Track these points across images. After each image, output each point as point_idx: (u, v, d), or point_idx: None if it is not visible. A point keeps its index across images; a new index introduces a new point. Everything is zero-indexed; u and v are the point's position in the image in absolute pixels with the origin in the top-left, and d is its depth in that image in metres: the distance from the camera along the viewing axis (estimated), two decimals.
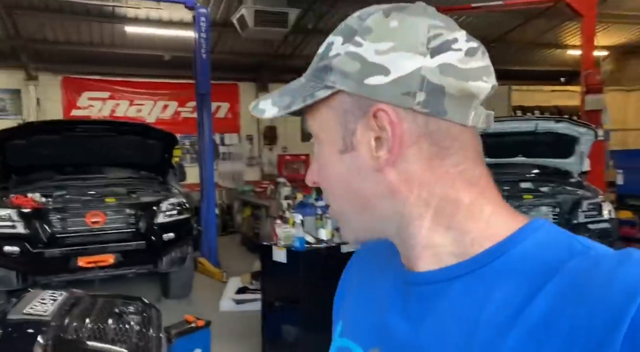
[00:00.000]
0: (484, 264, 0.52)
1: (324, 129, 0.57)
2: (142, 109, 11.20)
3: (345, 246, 3.80)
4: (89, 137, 5.76)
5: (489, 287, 0.51)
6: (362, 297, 0.66)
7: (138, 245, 5.07)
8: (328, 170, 0.57)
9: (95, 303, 2.24)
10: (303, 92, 0.56)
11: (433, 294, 0.54)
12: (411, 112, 0.52)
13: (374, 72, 0.52)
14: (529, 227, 0.53)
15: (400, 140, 0.52)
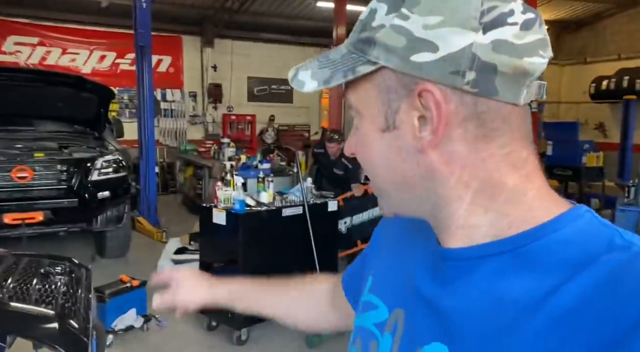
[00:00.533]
0: (519, 245, 0.51)
1: (366, 105, 0.55)
2: (77, 58, 10.47)
3: (286, 210, 3.84)
4: (16, 86, 5.34)
5: (520, 269, 0.50)
6: (393, 260, 0.68)
7: (70, 203, 4.85)
8: (368, 147, 0.56)
9: (19, 263, 2.14)
10: (344, 66, 0.53)
11: (462, 270, 0.54)
12: (459, 92, 0.49)
13: (421, 48, 0.49)
14: (570, 214, 0.52)
15: (445, 121, 0.50)
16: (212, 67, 11.65)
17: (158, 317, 4.07)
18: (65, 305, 1.86)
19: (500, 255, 0.52)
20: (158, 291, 0.96)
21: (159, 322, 4.02)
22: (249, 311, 0.94)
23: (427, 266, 0.60)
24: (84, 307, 1.94)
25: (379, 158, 0.55)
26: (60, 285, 2.01)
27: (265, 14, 11.38)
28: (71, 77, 6.22)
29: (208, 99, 11.69)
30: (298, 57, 12.35)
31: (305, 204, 3.86)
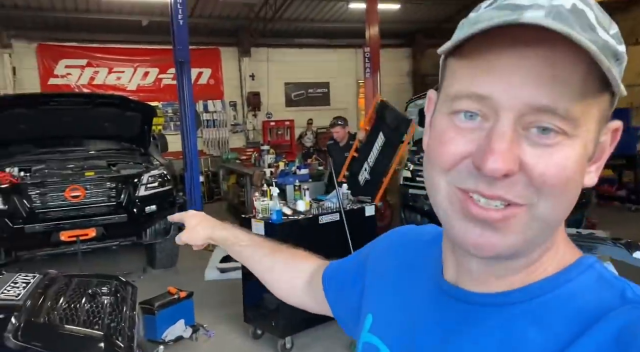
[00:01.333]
0: (533, 296, 0.51)
1: (586, 126, 0.46)
2: (122, 76, 10.97)
3: (324, 217, 3.87)
4: (66, 110, 5.66)
5: (534, 322, 0.49)
6: (394, 296, 0.65)
7: (120, 218, 5.08)
8: (567, 173, 0.46)
9: (70, 284, 2.27)
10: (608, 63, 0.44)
11: (475, 316, 0.53)
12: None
13: (620, 93, 0.47)
14: (580, 264, 0.52)
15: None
16: (250, 76, 11.88)
17: (206, 326, 4.20)
18: (110, 325, 1.97)
19: (514, 305, 0.51)
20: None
21: (207, 332, 4.15)
22: (238, 259, 1.02)
23: (433, 306, 0.58)
24: (128, 326, 2.04)
25: (577, 189, 0.48)
26: (107, 304, 2.13)
27: (299, 20, 11.49)
28: (115, 98, 6.52)
29: (247, 107, 11.94)
30: (333, 59, 12.41)
31: (341, 210, 3.88)
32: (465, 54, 0.48)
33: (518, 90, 0.44)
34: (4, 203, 4.72)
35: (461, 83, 0.48)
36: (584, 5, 0.45)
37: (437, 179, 0.50)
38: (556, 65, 0.43)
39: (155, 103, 10.73)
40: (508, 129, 0.45)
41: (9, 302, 1.90)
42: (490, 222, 0.47)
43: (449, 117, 0.49)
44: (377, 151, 4.82)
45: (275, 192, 3.61)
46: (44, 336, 1.78)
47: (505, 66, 0.45)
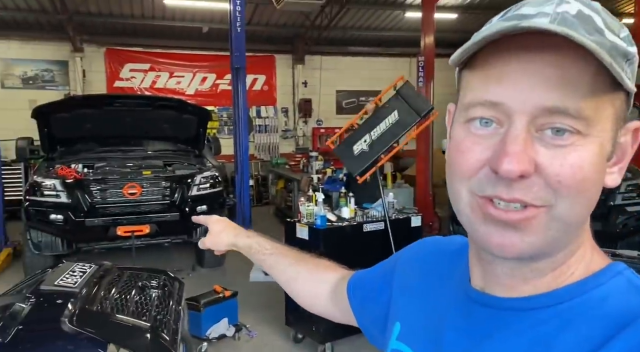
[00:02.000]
0: (559, 301, 0.51)
1: (602, 125, 0.47)
2: (182, 81, 11.43)
3: (368, 225, 3.86)
4: (127, 111, 5.98)
5: (562, 326, 0.50)
6: (422, 305, 0.66)
7: (172, 216, 5.30)
8: (583, 173, 0.47)
9: (122, 276, 2.40)
10: (615, 63, 0.45)
11: (502, 321, 0.53)
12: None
13: (632, 91, 0.48)
14: (609, 270, 0.52)
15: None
16: (303, 83, 12.06)
17: (248, 327, 4.28)
18: (157, 317, 2.06)
19: (542, 309, 0.52)
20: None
21: (249, 332, 4.23)
22: (261, 266, 1.03)
23: (459, 312, 0.59)
24: (173, 320, 2.13)
25: (596, 189, 0.49)
26: (155, 297, 2.23)
27: (354, 28, 11.55)
28: (174, 101, 6.82)
29: (298, 113, 12.10)
30: (388, 67, 12.35)
31: (387, 219, 3.86)
32: (477, 64, 0.50)
33: (528, 94, 0.46)
34: (68, 197, 5.03)
35: (474, 92, 0.50)
36: (591, 11, 0.47)
37: (458, 187, 0.52)
38: (564, 68, 0.45)
39: (211, 107, 11.08)
40: (521, 131, 0.46)
41: (66, 289, 2.03)
42: (511, 223, 0.48)
43: (465, 125, 0.51)
44: (384, 127, 4.52)
45: (321, 197, 3.64)
46: (97, 323, 1.88)
47: (514, 72, 0.46)
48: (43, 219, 4.97)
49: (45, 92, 10.20)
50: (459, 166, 0.51)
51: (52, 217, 4.92)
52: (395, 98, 4.74)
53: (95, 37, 10.69)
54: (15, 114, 8.70)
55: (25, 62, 10.38)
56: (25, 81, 10.44)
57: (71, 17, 9.59)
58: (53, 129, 5.80)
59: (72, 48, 10.49)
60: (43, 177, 5.12)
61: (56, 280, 2.09)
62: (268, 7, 9.48)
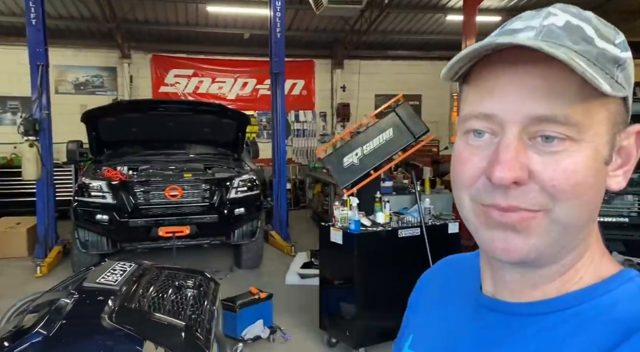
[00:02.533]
0: (568, 306, 0.52)
1: (594, 130, 0.49)
2: (223, 86, 11.68)
3: (403, 231, 3.83)
4: (170, 115, 6.19)
5: (570, 331, 0.50)
6: (435, 315, 0.67)
7: (211, 218, 5.42)
8: (577, 177, 0.48)
9: (160, 275, 2.48)
10: (601, 73, 0.47)
11: (512, 326, 0.54)
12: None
13: (629, 90, 0.51)
14: (620, 276, 0.53)
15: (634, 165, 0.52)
16: (341, 88, 12.08)
17: (283, 329, 4.32)
18: (192, 316, 2.12)
19: (551, 314, 0.52)
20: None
21: (284, 334, 4.27)
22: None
23: (469, 319, 0.60)
24: (207, 319, 2.18)
25: (594, 192, 0.50)
26: (190, 297, 2.29)
27: (394, 32, 11.49)
28: (214, 106, 7.00)
29: (337, 118, 12.13)
30: (428, 71, 12.22)
31: (422, 225, 3.81)
32: (472, 79, 0.53)
33: (518, 105, 0.48)
34: (114, 198, 5.24)
35: (470, 105, 0.52)
36: (580, 21, 0.49)
37: (461, 195, 0.54)
38: (550, 78, 0.47)
39: (251, 112, 11.29)
40: (513, 140, 0.48)
41: (107, 286, 2.13)
42: (511, 224, 0.49)
43: (463, 137, 0.53)
44: (377, 143, 4.45)
45: (355, 202, 3.64)
46: (134, 320, 1.96)
47: (504, 85, 0.49)
48: (90, 219, 5.20)
49: (95, 97, 10.68)
50: (459, 176, 0.53)
51: (98, 217, 5.14)
52: (392, 116, 4.72)
53: (142, 44, 11.11)
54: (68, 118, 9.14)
55: (77, 68, 10.91)
56: (77, 87, 10.96)
57: (119, 25, 10.01)
58: (101, 133, 6.07)
59: (120, 55, 10.94)
60: (90, 179, 5.36)
61: (98, 278, 2.19)
62: (308, 13, 9.58)
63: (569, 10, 0.50)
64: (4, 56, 10.10)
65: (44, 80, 6.49)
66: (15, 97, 10.24)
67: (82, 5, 9.23)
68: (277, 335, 4.24)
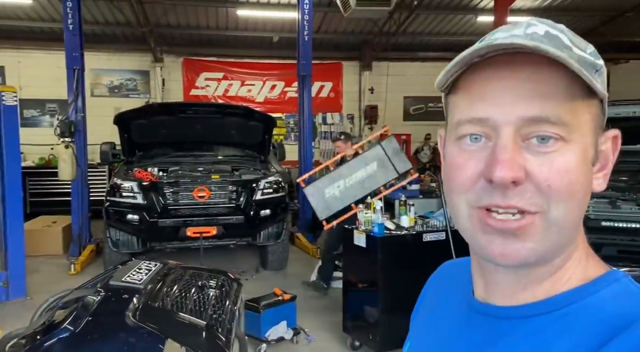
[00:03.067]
0: (557, 307, 0.53)
1: (581, 130, 0.50)
2: (252, 89, 11.84)
3: (428, 235, 3.79)
4: (199, 118, 6.30)
5: (559, 332, 0.51)
6: (431, 322, 0.69)
7: (237, 219, 5.49)
8: (570, 177, 0.50)
9: (184, 275, 2.53)
10: (588, 74, 0.49)
11: (503, 329, 0.55)
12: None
13: (605, 97, 0.53)
14: (606, 278, 0.54)
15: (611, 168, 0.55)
16: (369, 90, 12.05)
17: (307, 331, 4.34)
18: (213, 316, 2.15)
19: (540, 316, 0.53)
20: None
21: (307, 336, 4.28)
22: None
23: (462, 323, 0.61)
24: (229, 319, 2.21)
25: (586, 191, 0.51)
26: (212, 297, 2.33)
27: (423, 33, 11.40)
28: (241, 108, 7.09)
29: (364, 120, 12.10)
30: None
31: (448, 229, 3.76)
32: (460, 87, 0.54)
33: (510, 107, 0.50)
34: (144, 199, 5.37)
35: (462, 111, 0.54)
36: (557, 31, 0.51)
37: (457, 201, 0.55)
38: (540, 80, 0.49)
39: (279, 114, 11.39)
40: (509, 141, 0.50)
41: (132, 285, 2.18)
42: (510, 231, 0.50)
43: (456, 143, 0.54)
44: (361, 177, 4.41)
45: (379, 205, 3.62)
46: (157, 319, 2.00)
47: (496, 89, 0.51)
48: (121, 219, 5.34)
49: (129, 99, 10.98)
50: (456, 181, 0.54)
51: (128, 217, 5.28)
52: (378, 149, 4.66)
53: (174, 48, 11.37)
54: (103, 121, 9.42)
55: (112, 72, 11.25)
56: (111, 90, 11.30)
57: (152, 30, 10.27)
58: (132, 135, 6.23)
59: (152, 58, 11.22)
60: (122, 180, 5.50)
61: (124, 276, 2.25)
62: (336, 15, 9.60)
63: (545, 22, 0.52)
64: (44, 61, 10.52)
65: (80, 83, 6.72)
66: (53, 100, 10.64)
67: (117, 10, 9.52)
68: (301, 337, 4.25)
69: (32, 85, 10.63)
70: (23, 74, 10.65)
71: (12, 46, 10.54)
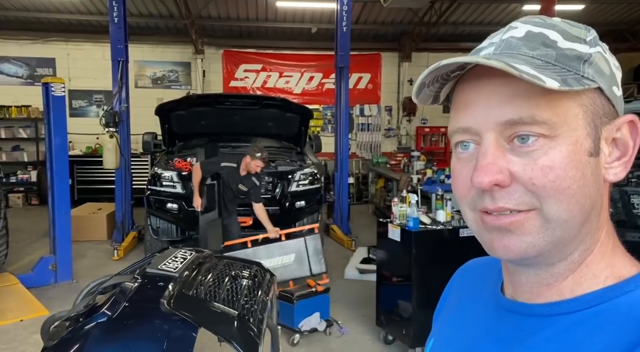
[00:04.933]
0: (587, 306, 0.52)
1: (569, 124, 0.50)
2: (290, 80, 11.86)
3: (464, 230, 3.70)
4: (237, 109, 6.38)
5: (590, 331, 0.50)
6: (457, 318, 0.69)
7: (273, 210, 5.54)
8: (556, 172, 0.50)
9: (218, 264, 2.57)
10: (560, 73, 0.50)
11: (531, 327, 0.55)
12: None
13: (615, 82, 0.53)
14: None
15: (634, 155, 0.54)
16: (408, 81, 11.85)
17: (340, 323, 4.35)
18: (245, 305, 2.18)
19: (569, 315, 0.53)
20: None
21: (340, 328, 4.29)
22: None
23: (490, 321, 0.61)
24: (260, 309, 2.23)
25: (580, 184, 0.50)
26: (245, 286, 2.35)
27: (465, 23, 11.09)
28: (278, 100, 7.12)
29: (402, 112, 11.92)
30: None
31: None
32: (452, 99, 0.57)
33: (487, 114, 0.52)
34: (183, 188, 5.50)
35: (452, 121, 0.56)
36: (543, 28, 0.53)
37: (462, 207, 0.58)
38: (511, 85, 0.50)
39: (316, 106, 11.37)
40: (489, 146, 0.52)
41: (168, 273, 2.24)
42: (504, 227, 0.52)
43: (454, 152, 0.57)
44: (275, 264, 4.45)
45: (414, 199, 3.57)
46: (191, 307, 2.05)
47: (474, 98, 0.53)
48: (160, 207, 5.50)
49: (171, 91, 11.23)
50: (456, 189, 0.57)
51: (168, 205, 5.42)
52: (300, 242, 4.57)
53: (214, 40, 11.52)
54: (146, 111, 9.69)
55: (155, 63, 11.53)
56: (154, 81, 11.59)
57: (194, 22, 10.44)
58: (172, 125, 6.38)
59: (194, 50, 11.41)
60: (162, 169, 5.65)
61: (160, 264, 2.31)
62: (376, 5, 9.47)
63: (531, 21, 0.54)
64: (92, 53, 10.90)
65: (124, 75, 6.92)
66: (100, 91, 11.01)
67: (160, 3, 9.72)
68: (334, 328, 4.27)
69: (81, 76, 11.04)
70: (72, 65, 11.07)
71: (63, 39, 10.96)
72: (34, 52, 10.94)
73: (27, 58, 10.98)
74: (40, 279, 5.33)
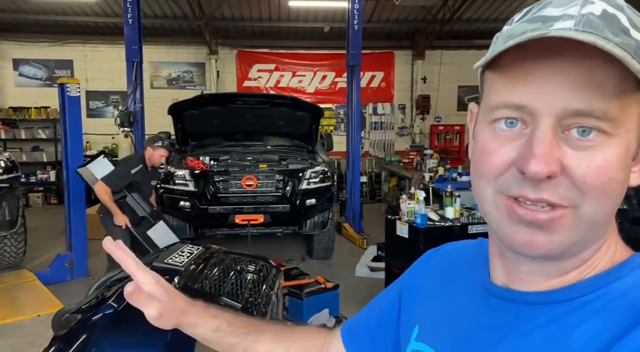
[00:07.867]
0: (581, 294, 0.52)
1: (628, 125, 0.48)
2: (303, 79, 11.90)
3: (473, 227, 3.69)
4: (248, 108, 6.43)
5: (582, 318, 0.50)
6: (441, 305, 0.67)
7: (283, 208, 5.58)
8: (609, 174, 0.47)
9: (225, 259, 2.61)
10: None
11: (526, 314, 0.54)
12: None
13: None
14: (632, 261, 0.53)
15: None
16: (422, 79, 11.79)
17: None
18: (249, 299, 2.21)
19: (564, 302, 0.52)
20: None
21: None
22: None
23: (480, 307, 0.60)
24: (264, 303, 2.27)
25: (622, 188, 0.49)
26: (249, 281, 2.39)
27: (479, 21, 10.99)
28: (288, 99, 7.16)
29: (416, 110, 11.87)
30: None
31: None
32: (501, 67, 0.50)
33: (553, 96, 0.46)
34: (195, 186, 5.57)
35: (499, 94, 0.50)
36: (615, 9, 0.47)
37: (484, 188, 0.53)
38: (589, 71, 0.45)
39: (329, 105, 11.39)
40: (547, 133, 0.47)
41: (174, 266, 2.28)
42: (538, 223, 0.49)
43: (490, 126, 0.52)
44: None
45: (422, 196, 3.56)
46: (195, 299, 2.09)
47: (540, 75, 0.47)
48: (173, 205, 5.57)
49: (186, 91, 11.37)
50: (485, 167, 0.52)
51: (181, 203, 5.50)
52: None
53: (228, 41, 11.63)
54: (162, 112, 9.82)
55: (170, 64, 11.68)
56: (169, 82, 11.74)
57: (207, 22, 10.55)
58: (185, 125, 6.46)
59: (208, 51, 11.53)
60: (175, 168, 5.73)
61: (166, 258, 2.35)
62: (388, 3, 9.45)
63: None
64: (108, 55, 11.09)
65: (139, 75, 7.02)
66: (116, 92, 11.20)
67: (174, 4, 9.85)
68: None
69: (98, 77, 11.24)
70: (89, 67, 11.28)
71: (80, 41, 11.17)
72: (52, 54, 11.18)
73: (46, 60, 11.22)
74: (57, 275, 5.45)
